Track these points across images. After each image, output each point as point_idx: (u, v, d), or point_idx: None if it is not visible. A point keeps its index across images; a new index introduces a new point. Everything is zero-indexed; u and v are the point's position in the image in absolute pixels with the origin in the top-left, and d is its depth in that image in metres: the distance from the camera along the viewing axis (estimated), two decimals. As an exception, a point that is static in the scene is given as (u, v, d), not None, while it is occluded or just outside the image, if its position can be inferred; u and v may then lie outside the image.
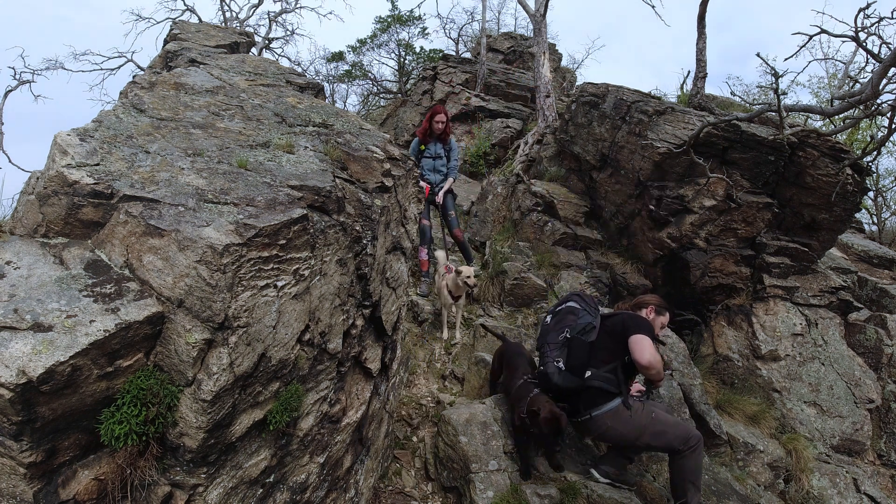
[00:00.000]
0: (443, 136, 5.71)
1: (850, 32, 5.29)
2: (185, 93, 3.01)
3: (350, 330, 2.60)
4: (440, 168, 5.78)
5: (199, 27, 5.65)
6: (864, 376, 5.01)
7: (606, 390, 3.08)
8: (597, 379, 3.09)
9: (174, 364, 1.80)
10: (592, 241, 6.42)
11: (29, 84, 11.80)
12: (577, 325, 3.30)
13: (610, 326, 3.21)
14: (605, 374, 3.10)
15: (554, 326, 3.41)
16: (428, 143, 5.74)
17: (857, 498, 4.04)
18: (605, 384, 3.08)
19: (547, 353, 3.33)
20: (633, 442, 3.08)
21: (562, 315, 3.44)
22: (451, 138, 5.84)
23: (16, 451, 1.55)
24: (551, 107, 8.93)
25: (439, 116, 5.63)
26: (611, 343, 3.15)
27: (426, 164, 5.77)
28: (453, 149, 5.85)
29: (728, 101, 7.69)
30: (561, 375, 3.21)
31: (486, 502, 3.08)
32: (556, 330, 3.37)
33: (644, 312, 3.36)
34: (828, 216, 5.40)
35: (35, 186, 2.04)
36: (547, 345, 3.36)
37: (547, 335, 3.41)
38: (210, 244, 1.78)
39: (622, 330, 3.09)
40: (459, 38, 17.15)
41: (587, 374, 3.13)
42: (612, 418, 3.05)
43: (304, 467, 2.33)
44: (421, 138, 5.77)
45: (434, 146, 5.74)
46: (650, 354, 2.90)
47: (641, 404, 3.10)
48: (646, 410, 3.07)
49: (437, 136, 5.72)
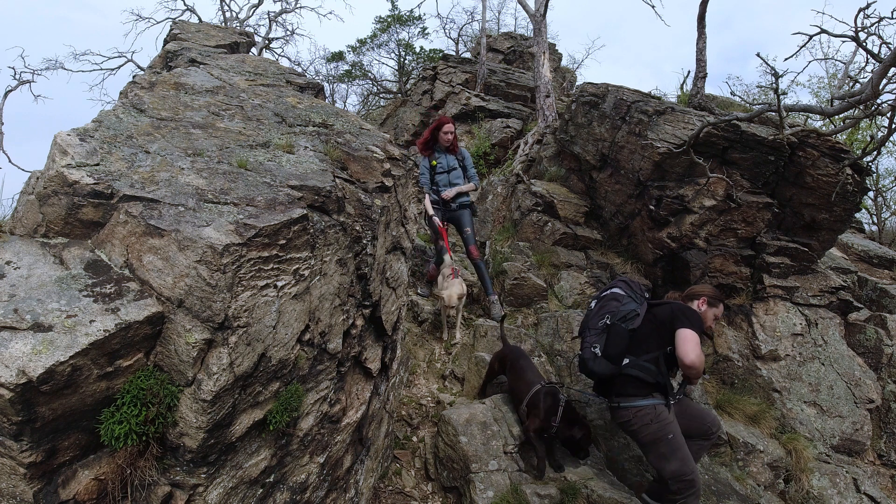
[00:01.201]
0: (451, 148, 5.44)
1: (850, 32, 5.29)
2: (185, 93, 3.01)
3: (350, 330, 2.60)
4: (456, 181, 5.46)
5: (199, 27, 5.65)
6: (864, 376, 5.01)
7: (643, 380, 2.98)
8: (634, 367, 3.00)
9: (174, 364, 1.80)
10: (592, 241, 6.42)
11: (29, 84, 11.82)
12: (619, 312, 3.17)
13: (657, 315, 3.10)
14: (645, 363, 3.00)
15: (597, 312, 3.28)
16: (437, 157, 5.44)
17: (857, 498, 4.04)
18: (641, 373, 2.98)
19: (586, 338, 3.24)
20: (642, 446, 3.02)
21: (605, 301, 3.31)
22: (463, 149, 5.59)
23: (16, 451, 1.55)
24: (551, 107, 8.93)
25: (448, 127, 5.34)
26: (655, 332, 3.04)
27: (441, 179, 5.42)
28: (467, 157, 5.57)
29: (728, 101, 7.69)
30: (596, 361, 3.11)
31: (486, 502, 3.08)
32: (598, 316, 3.26)
33: (696, 304, 3.24)
34: (828, 216, 5.39)
35: (35, 186, 2.03)
36: (588, 330, 3.27)
37: (589, 321, 3.30)
38: (210, 244, 1.78)
39: (670, 321, 2.98)
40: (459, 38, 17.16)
41: (625, 362, 3.03)
42: (636, 416, 2.97)
43: (304, 467, 2.33)
44: (425, 153, 5.43)
45: (445, 158, 5.44)
46: (695, 354, 2.78)
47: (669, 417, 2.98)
48: (669, 426, 2.94)
49: (445, 149, 5.44)
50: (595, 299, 3.44)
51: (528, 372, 3.59)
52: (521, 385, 3.55)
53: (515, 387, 3.62)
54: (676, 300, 3.28)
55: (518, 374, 3.63)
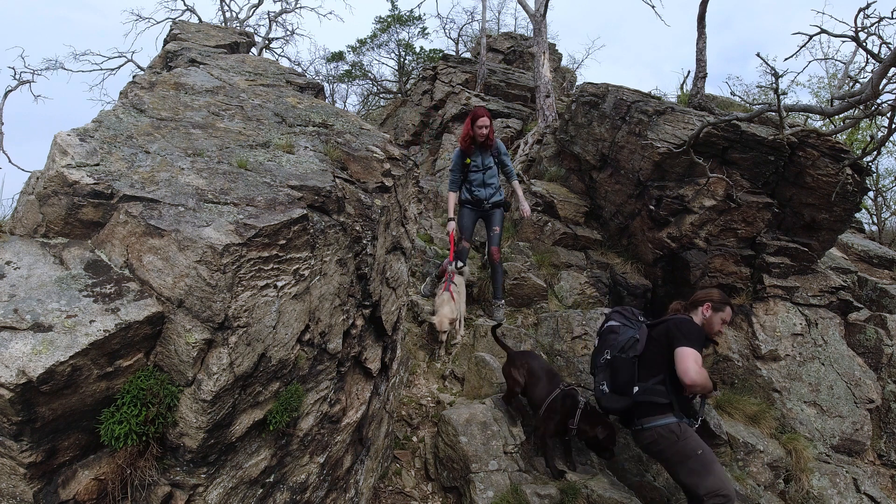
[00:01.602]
0: (487, 143, 5.01)
1: (850, 32, 5.29)
2: (185, 93, 3.01)
3: (350, 330, 2.60)
4: (490, 181, 5.11)
5: (199, 27, 5.65)
6: (864, 376, 5.01)
7: (657, 403, 2.94)
8: (645, 394, 2.96)
9: (174, 364, 1.80)
10: (592, 241, 6.42)
11: (29, 84, 11.83)
12: (617, 343, 3.19)
13: (656, 335, 3.08)
14: (654, 386, 2.96)
15: (599, 349, 3.34)
16: (472, 154, 5.05)
17: (857, 498, 4.04)
18: (654, 397, 2.94)
19: (595, 377, 3.29)
20: (671, 466, 2.94)
21: (604, 336, 3.36)
22: (497, 141, 5.17)
23: (16, 451, 1.55)
24: (551, 107, 8.94)
25: (482, 121, 4.89)
26: (657, 353, 3.00)
27: (475, 178, 5.09)
28: (502, 150, 5.16)
29: (728, 101, 7.69)
30: (607, 398, 3.12)
31: (486, 502, 3.08)
32: (600, 353, 3.30)
33: (700, 310, 3.18)
34: (828, 216, 5.39)
35: (35, 186, 2.03)
36: (595, 368, 3.33)
37: (594, 359, 3.37)
38: (210, 244, 1.78)
39: (668, 340, 2.95)
40: (459, 38, 17.17)
41: (636, 390, 2.99)
42: (661, 435, 2.90)
43: (304, 467, 2.33)
44: (464, 148, 5.03)
45: (480, 157, 5.06)
46: (694, 372, 2.73)
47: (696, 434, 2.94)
48: (697, 441, 2.89)
49: (480, 145, 5.03)
50: (597, 336, 3.46)
51: (544, 377, 3.54)
52: (539, 391, 3.49)
53: (532, 392, 3.55)
54: (678, 312, 3.24)
55: (535, 379, 3.55)
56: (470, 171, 5.10)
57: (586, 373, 4.25)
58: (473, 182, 5.12)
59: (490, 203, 5.14)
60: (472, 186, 5.13)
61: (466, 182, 5.16)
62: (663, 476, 3.63)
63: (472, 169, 5.09)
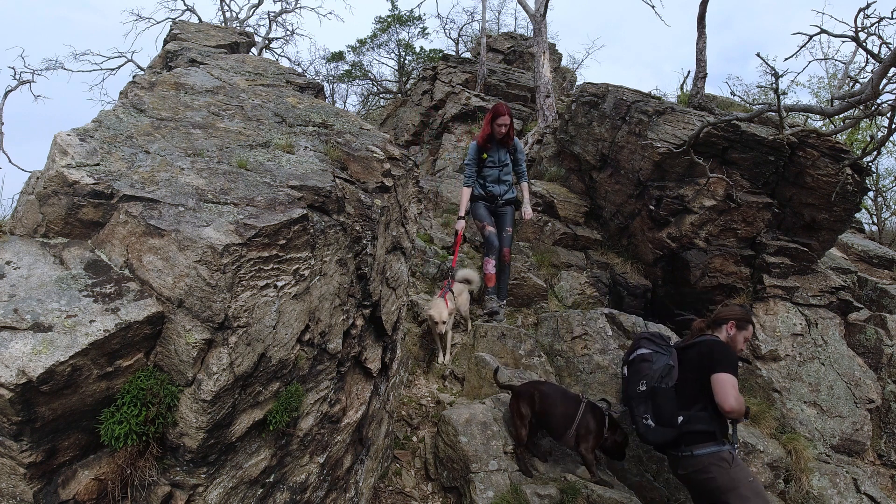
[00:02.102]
0: (505, 140, 5.00)
1: (850, 32, 5.30)
2: (185, 93, 3.01)
3: (350, 330, 2.60)
4: (505, 178, 5.06)
5: (199, 27, 5.65)
6: (864, 376, 5.01)
7: (706, 431, 2.87)
8: (690, 423, 2.88)
9: (174, 364, 1.80)
10: (592, 241, 6.42)
11: (29, 84, 11.83)
12: (653, 374, 3.07)
13: (691, 360, 3.00)
14: (698, 413, 2.88)
15: (632, 379, 3.18)
16: (489, 149, 5.00)
17: (857, 498, 4.04)
18: (699, 425, 2.87)
19: (634, 408, 3.12)
20: (721, 494, 2.83)
21: (636, 365, 3.22)
22: (516, 140, 5.13)
23: (16, 451, 1.55)
24: (551, 107, 8.94)
25: (503, 119, 4.86)
26: (696, 381, 2.92)
27: (490, 174, 5.04)
28: (520, 149, 5.12)
29: (728, 101, 7.69)
30: (653, 432, 3.00)
31: (486, 502, 3.08)
32: (634, 382, 3.15)
33: (725, 329, 3.12)
34: (828, 216, 5.40)
35: (35, 186, 2.03)
36: (631, 400, 3.16)
37: (627, 389, 3.21)
38: (210, 244, 1.78)
39: (707, 365, 2.88)
40: (459, 38, 17.17)
41: (680, 420, 2.91)
42: (713, 462, 2.81)
43: (304, 467, 2.33)
44: (482, 144, 4.99)
45: (497, 152, 5.01)
46: (734, 399, 2.70)
47: (743, 461, 2.90)
48: (746, 469, 2.87)
49: (498, 141, 4.99)
50: (625, 365, 3.30)
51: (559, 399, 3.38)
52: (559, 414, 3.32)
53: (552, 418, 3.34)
54: (703, 331, 3.15)
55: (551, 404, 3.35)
56: (486, 166, 5.04)
57: (586, 373, 4.25)
58: (488, 178, 5.06)
59: (503, 200, 5.09)
60: (487, 182, 5.07)
61: (480, 177, 5.09)
62: (663, 476, 3.63)
63: (487, 164, 5.03)
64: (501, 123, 4.87)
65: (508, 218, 5.12)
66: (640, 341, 3.33)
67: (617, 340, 4.44)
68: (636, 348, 3.30)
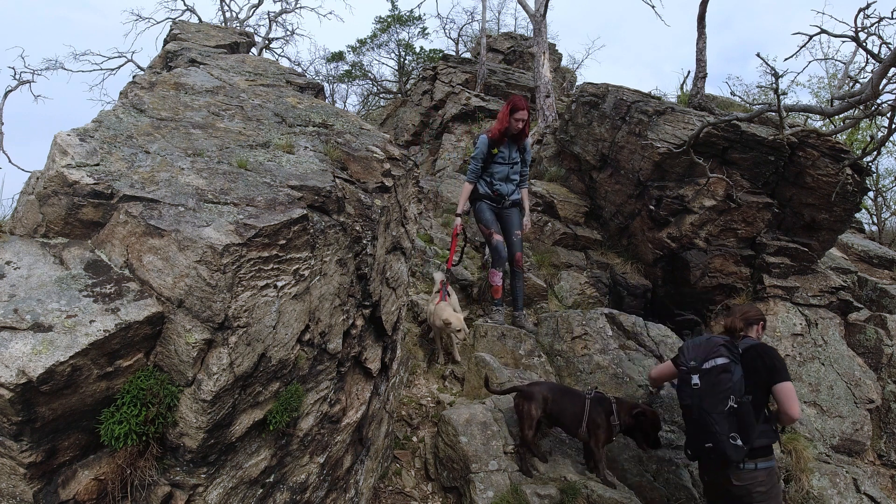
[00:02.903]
0: (519, 137, 4.72)
1: (850, 32, 5.30)
2: (185, 93, 3.01)
3: (350, 330, 2.60)
4: (514, 177, 4.79)
5: (199, 27, 5.65)
6: (864, 376, 5.01)
7: (769, 444, 2.79)
8: (763, 436, 2.78)
9: (174, 364, 1.80)
10: (592, 241, 6.42)
11: (29, 84, 11.83)
12: (736, 387, 2.79)
13: (751, 370, 2.83)
14: (763, 425, 2.78)
15: (709, 391, 2.83)
16: (501, 144, 4.69)
17: (857, 498, 4.04)
18: (766, 438, 2.78)
19: (712, 425, 2.75)
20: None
21: (714, 377, 2.84)
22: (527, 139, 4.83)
23: (16, 451, 1.55)
24: (551, 107, 8.94)
25: (521, 114, 4.55)
26: (761, 392, 2.80)
27: (499, 171, 4.73)
28: (528, 151, 4.83)
29: (728, 101, 7.69)
30: (738, 452, 2.73)
31: (486, 502, 3.08)
32: (714, 396, 2.81)
33: (755, 329, 3.05)
34: (828, 216, 5.40)
35: (35, 186, 2.04)
36: (709, 416, 2.78)
37: (703, 401, 2.81)
38: (210, 244, 1.78)
39: (769, 374, 2.78)
40: (459, 38, 17.18)
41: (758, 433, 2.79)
42: (769, 475, 2.74)
43: (304, 467, 2.33)
44: (495, 138, 4.66)
45: (509, 149, 4.71)
46: (799, 409, 2.69)
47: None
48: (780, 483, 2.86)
49: (511, 137, 4.70)
50: (695, 373, 2.89)
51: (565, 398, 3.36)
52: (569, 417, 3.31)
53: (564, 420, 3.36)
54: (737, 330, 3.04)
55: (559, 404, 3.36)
56: (495, 163, 4.72)
57: (586, 373, 4.25)
58: (496, 175, 4.75)
59: (510, 201, 4.82)
60: (495, 180, 4.76)
61: (487, 174, 4.78)
62: (663, 476, 3.63)
63: (497, 160, 4.71)
64: (520, 118, 4.57)
65: (516, 220, 4.83)
66: (718, 348, 2.91)
67: (617, 340, 4.43)
68: (713, 356, 2.89)
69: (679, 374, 3.04)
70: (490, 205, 4.83)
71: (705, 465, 2.98)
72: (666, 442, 3.78)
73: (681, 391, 3.00)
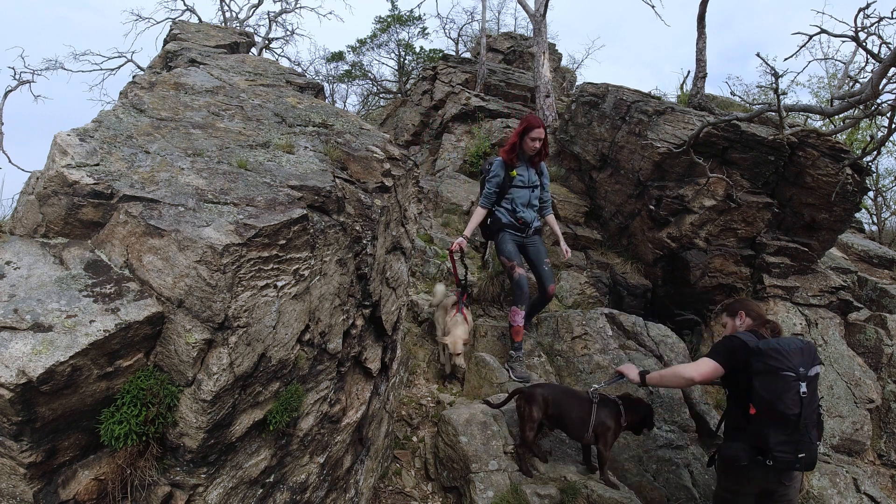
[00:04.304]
0: (536, 159, 4.34)
1: (850, 32, 5.30)
2: (185, 93, 3.01)
3: (350, 330, 2.60)
4: (535, 202, 4.37)
5: (199, 27, 5.65)
6: (864, 376, 5.01)
7: None
8: None
9: (174, 364, 1.80)
10: (592, 241, 6.42)
11: (29, 84, 11.83)
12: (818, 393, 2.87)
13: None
14: None
15: (811, 399, 2.78)
16: (517, 167, 4.29)
17: (857, 498, 4.04)
18: None
19: (806, 434, 2.72)
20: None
21: (814, 383, 2.83)
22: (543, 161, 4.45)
23: (16, 451, 1.55)
24: (551, 107, 8.94)
25: (537, 132, 4.15)
26: None
27: (519, 196, 4.29)
28: (545, 173, 4.46)
29: (728, 101, 7.70)
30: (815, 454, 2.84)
31: (486, 502, 3.08)
32: (812, 404, 2.78)
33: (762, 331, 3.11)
34: (828, 216, 5.40)
35: (35, 186, 2.04)
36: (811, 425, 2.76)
37: (806, 408, 2.75)
38: (210, 244, 1.78)
39: None
40: (459, 38, 17.17)
41: None
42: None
43: (304, 467, 2.33)
44: (507, 160, 4.27)
45: (527, 171, 4.31)
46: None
47: None
48: None
49: (528, 159, 4.32)
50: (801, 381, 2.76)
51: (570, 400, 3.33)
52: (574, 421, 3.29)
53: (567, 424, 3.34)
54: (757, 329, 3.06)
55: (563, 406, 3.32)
56: (514, 187, 4.28)
57: (586, 373, 4.25)
58: (517, 200, 4.29)
59: (533, 229, 4.39)
60: (516, 206, 4.30)
61: (506, 200, 4.34)
62: (663, 476, 3.63)
63: (517, 184, 4.27)
64: (536, 137, 4.15)
65: (542, 248, 4.42)
66: (817, 356, 2.86)
67: (617, 340, 4.44)
68: (815, 363, 2.81)
69: (782, 380, 2.77)
70: (513, 235, 4.36)
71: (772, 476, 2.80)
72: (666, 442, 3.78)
73: (782, 399, 2.74)
